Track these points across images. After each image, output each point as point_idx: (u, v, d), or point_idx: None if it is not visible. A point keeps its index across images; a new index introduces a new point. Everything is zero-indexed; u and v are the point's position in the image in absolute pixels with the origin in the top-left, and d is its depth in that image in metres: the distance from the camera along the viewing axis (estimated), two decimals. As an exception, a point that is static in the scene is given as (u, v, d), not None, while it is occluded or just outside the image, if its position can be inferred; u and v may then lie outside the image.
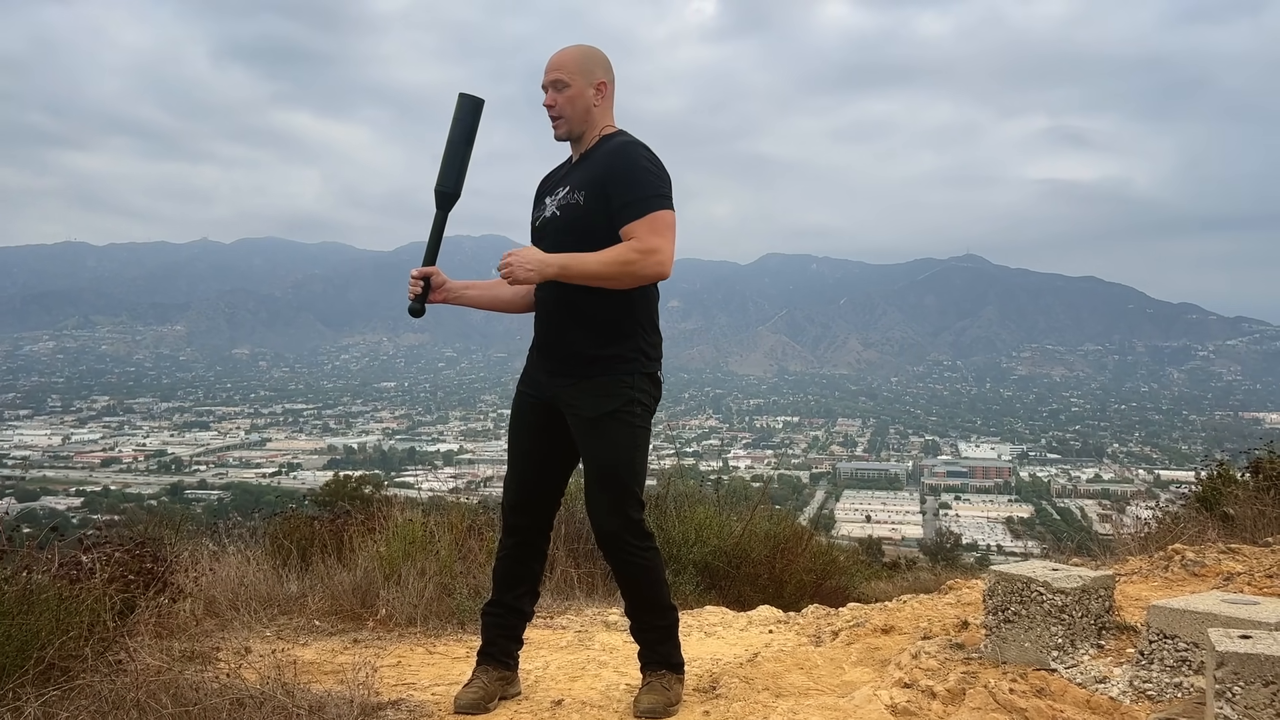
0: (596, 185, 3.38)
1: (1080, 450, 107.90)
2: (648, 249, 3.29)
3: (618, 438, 3.41)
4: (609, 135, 3.50)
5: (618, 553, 3.46)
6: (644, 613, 3.55)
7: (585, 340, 3.43)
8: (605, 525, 3.43)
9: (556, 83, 3.44)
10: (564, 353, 3.46)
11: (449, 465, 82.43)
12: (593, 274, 3.30)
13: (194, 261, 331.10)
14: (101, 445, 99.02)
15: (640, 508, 3.48)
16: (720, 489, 9.27)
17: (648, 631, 3.58)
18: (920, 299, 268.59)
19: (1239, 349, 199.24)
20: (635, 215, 3.32)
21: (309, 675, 3.99)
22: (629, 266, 3.29)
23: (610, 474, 3.41)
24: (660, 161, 3.43)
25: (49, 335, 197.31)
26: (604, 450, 3.41)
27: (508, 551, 3.64)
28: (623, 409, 3.40)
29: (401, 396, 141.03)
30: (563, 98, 3.45)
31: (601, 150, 3.46)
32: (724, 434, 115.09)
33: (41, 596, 3.57)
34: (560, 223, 3.46)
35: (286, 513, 7.77)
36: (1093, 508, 64.63)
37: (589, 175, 3.42)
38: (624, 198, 3.33)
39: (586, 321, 3.42)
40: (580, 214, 3.40)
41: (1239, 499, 5.90)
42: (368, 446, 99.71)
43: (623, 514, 3.42)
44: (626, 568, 3.48)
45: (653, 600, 3.54)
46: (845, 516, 62.33)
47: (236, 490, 65.22)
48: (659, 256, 3.29)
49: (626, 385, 3.42)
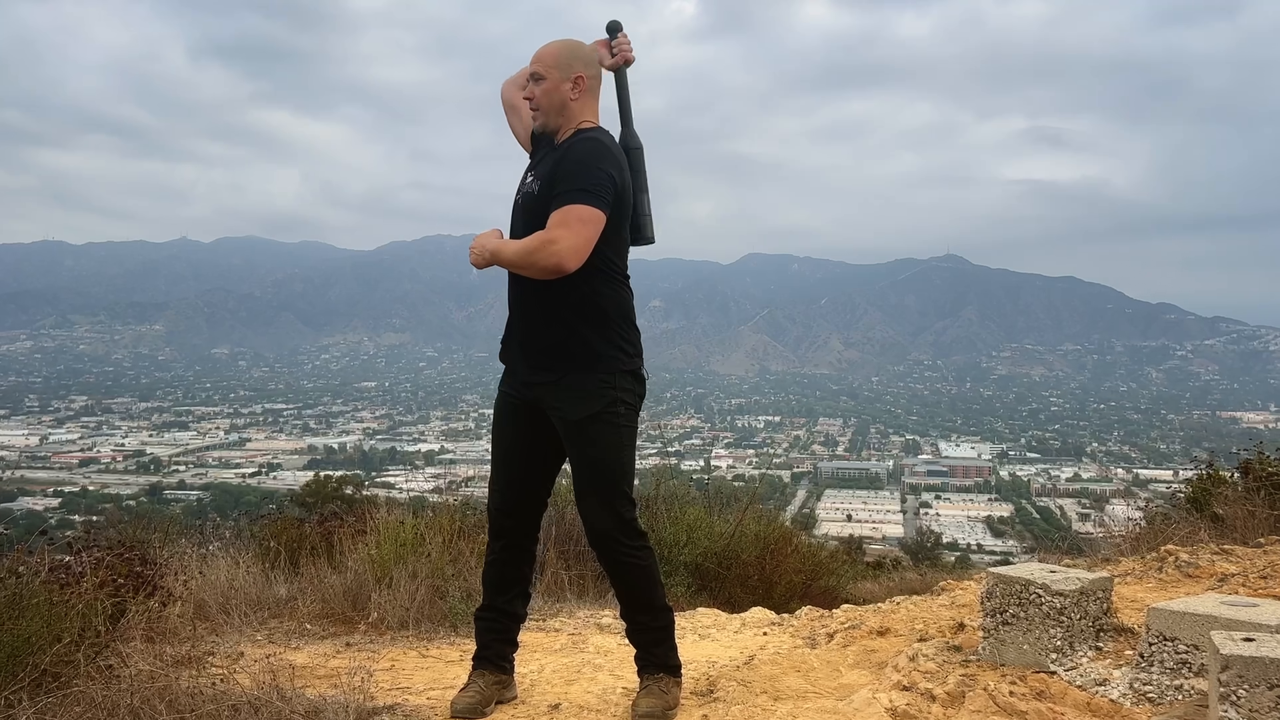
0: (549, 177, 3.40)
1: (1060, 449, 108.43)
2: (547, 239, 3.25)
3: (604, 439, 3.40)
4: (584, 130, 3.50)
5: (611, 553, 3.45)
6: (639, 613, 3.54)
7: (559, 332, 3.40)
8: (598, 525, 3.42)
9: (535, 75, 3.49)
10: (540, 344, 3.44)
11: (430, 465, 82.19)
12: (509, 261, 3.35)
13: (173, 261, 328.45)
14: (80, 445, 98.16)
15: (632, 506, 3.47)
16: (708, 489, 9.27)
17: (643, 633, 3.56)
18: (901, 299, 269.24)
19: (1217, 349, 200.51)
20: (555, 207, 3.31)
21: (302, 680, 3.96)
22: (530, 255, 3.28)
23: (598, 475, 3.41)
24: (616, 163, 3.40)
25: (26, 334, 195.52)
26: (591, 452, 3.41)
27: (497, 555, 3.62)
28: (606, 410, 3.39)
29: (382, 396, 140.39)
30: (540, 90, 3.48)
31: (568, 144, 3.47)
32: (706, 434, 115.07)
33: (32, 601, 3.53)
34: (519, 209, 3.51)
35: (271, 514, 7.73)
36: (1072, 507, 65.06)
37: (548, 167, 3.45)
38: (557, 189, 3.33)
39: (555, 313, 3.39)
40: (534, 202, 3.43)
41: (1229, 500, 5.93)
42: (348, 446, 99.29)
43: (615, 513, 3.41)
44: (620, 568, 3.47)
45: (648, 601, 3.52)
46: (827, 516, 62.45)
47: (216, 491, 64.92)
48: (555, 247, 3.23)
49: (608, 385, 3.40)
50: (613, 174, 3.36)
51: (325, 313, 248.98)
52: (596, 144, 3.41)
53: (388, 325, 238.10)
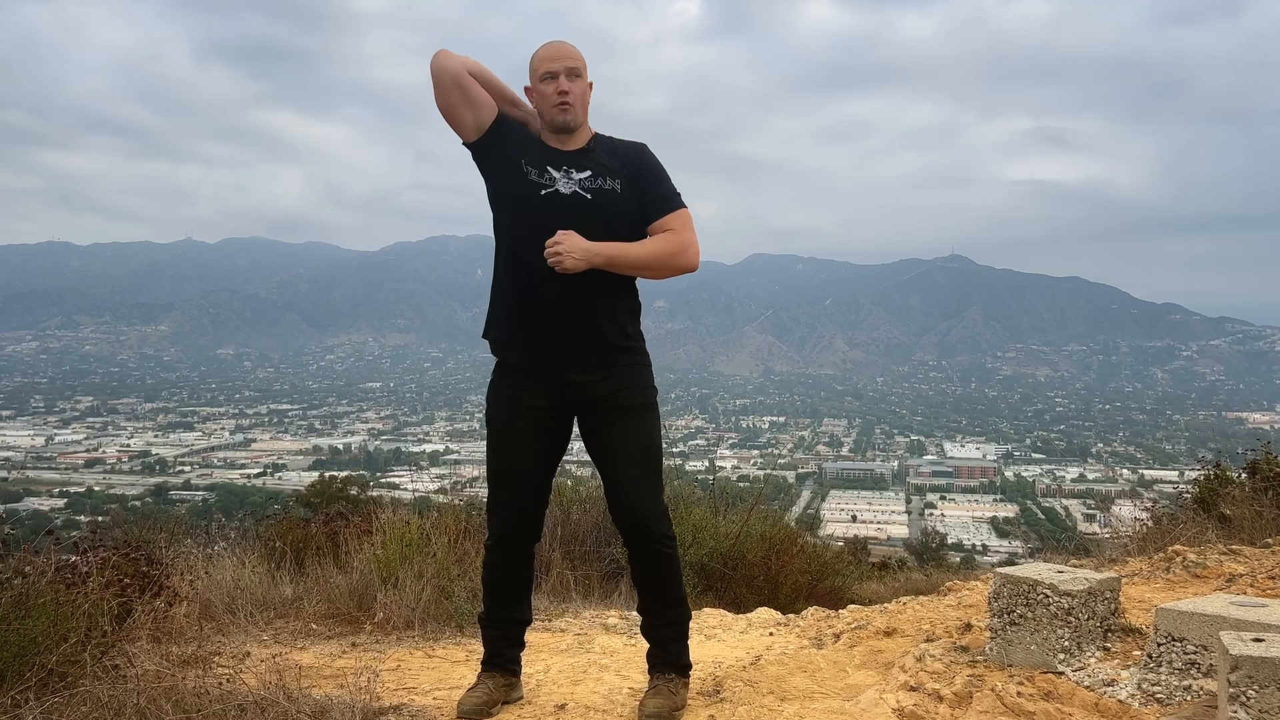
0: (628, 177, 3.46)
1: (1065, 450, 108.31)
2: (687, 242, 3.46)
3: (654, 427, 3.53)
4: (602, 134, 3.56)
5: (652, 541, 3.46)
6: (668, 607, 3.54)
7: (613, 331, 3.44)
8: (648, 510, 3.44)
9: (573, 70, 3.43)
10: (595, 344, 3.42)
11: (435, 466, 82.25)
12: (638, 264, 3.40)
13: (178, 261, 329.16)
14: (85, 446, 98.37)
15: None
16: (714, 489, 9.27)
17: (665, 628, 3.56)
18: (906, 299, 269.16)
19: (1222, 349, 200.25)
20: (669, 209, 3.46)
21: (308, 680, 3.95)
22: (673, 258, 3.43)
23: (650, 461, 3.48)
24: None
25: (32, 335, 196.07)
26: (645, 437, 3.48)
27: (509, 570, 3.58)
28: (654, 400, 3.55)
29: (387, 397, 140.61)
30: (578, 88, 3.45)
31: (613, 145, 3.52)
32: (710, 434, 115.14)
33: (39, 602, 3.53)
34: (592, 205, 3.42)
35: (276, 515, 7.73)
36: (1077, 507, 65.03)
37: (615, 166, 3.46)
38: (656, 192, 3.47)
39: (609, 313, 3.44)
40: (616, 201, 3.43)
41: (1236, 500, 5.91)
42: (353, 447, 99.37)
43: (660, 499, 3.49)
44: (656, 557, 3.49)
45: (675, 593, 3.55)
46: (831, 516, 62.35)
47: (221, 491, 64.89)
48: (695, 249, 3.48)
49: (651, 376, 3.56)
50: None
51: (330, 313, 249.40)
52: (644, 147, 3.57)
53: (392, 326, 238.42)
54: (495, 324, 3.53)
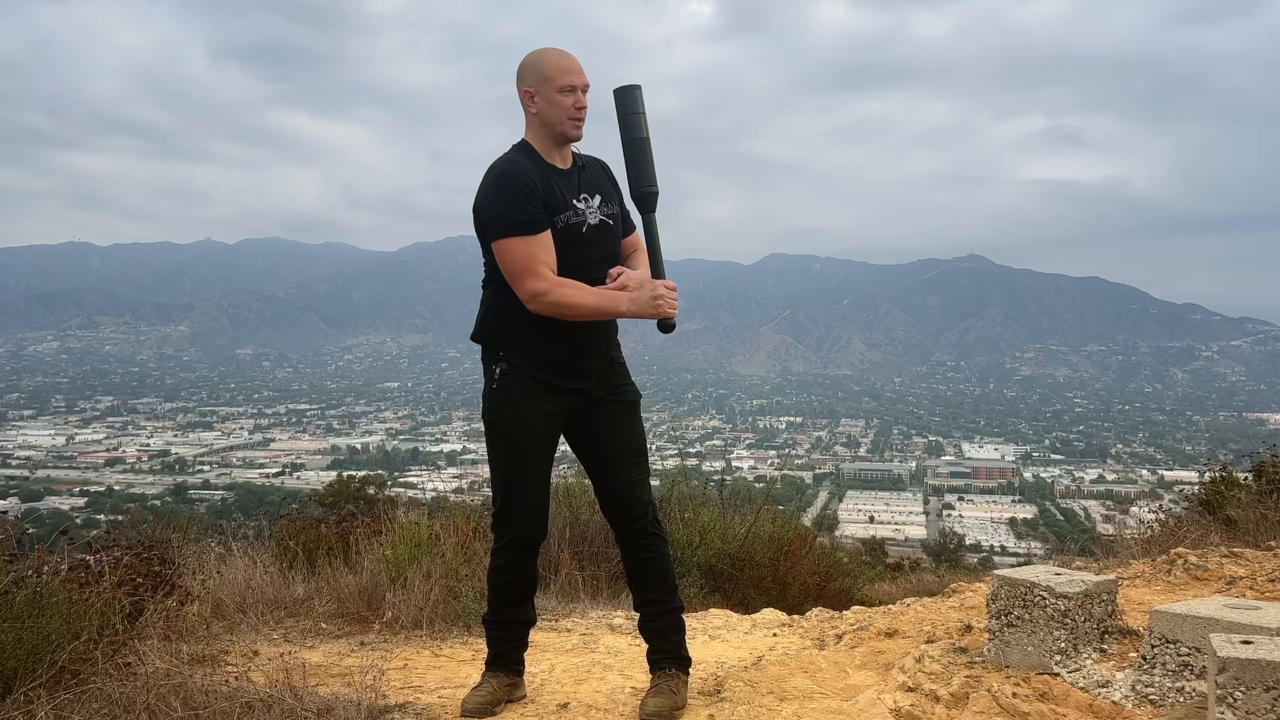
0: (617, 198, 3.63)
1: (1084, 451, 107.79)
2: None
3: (640, 419, 3.71)
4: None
5: (648, 529, 3.59)
6: (666, 593, 3.62)
7: (615, 346, 3.67)
8: (649, 497, 3.61)
9: (587, 87, 3.46)
10: (607, 358, 3.61)
11: (452, 465, 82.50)
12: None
13: (197, 262, 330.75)
14: (105, 445, 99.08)
15: None
16: (724, 490, 9.29)
17: (664, 615, 3.62)
18: (924, 299, 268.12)
19: (1243, 349, 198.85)
20: (633, 226, 3.72)
21: (316, 678, 4.02)
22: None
23: (643, 452, 3.66)
24: None
25: (53, 335, 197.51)
26: (640, 430, 3.68)
27: (521, 573, 3.61)
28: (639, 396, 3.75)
29: (405, 397, 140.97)
30: (585, 102, 3.48)
31: (591, 163, 3.62)
32: (727, 434, 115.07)
33: (52, 600, 3.60)
34: (609, 231, 3.57)
35: (290, 514, 7.80)
36: (1096, 509, 64.72)
37: (608, 189, 3.61)
38: (625, 210, 3.68)
39: (613, 329, 3.64)
40: (620, 224, 3.63)
41: (1242, 502, 5.90)
42: (371, 447, 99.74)
43: (651, 490, 3.66)
44: (654, 545, 3.60)
45: (672, 580, 3.66)
46: (848, 517, 62.30)
47: (240, 491, 65.21)
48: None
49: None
50: None
51: (348, 314, 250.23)
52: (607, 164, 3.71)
53: (410, 326, 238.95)
54: (534, 348, 3.47)
